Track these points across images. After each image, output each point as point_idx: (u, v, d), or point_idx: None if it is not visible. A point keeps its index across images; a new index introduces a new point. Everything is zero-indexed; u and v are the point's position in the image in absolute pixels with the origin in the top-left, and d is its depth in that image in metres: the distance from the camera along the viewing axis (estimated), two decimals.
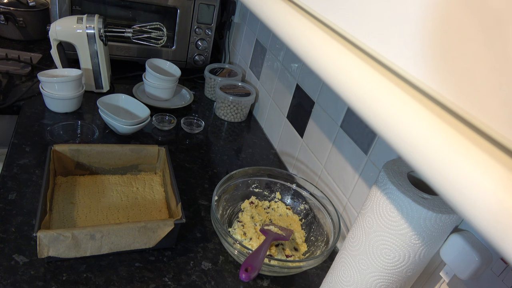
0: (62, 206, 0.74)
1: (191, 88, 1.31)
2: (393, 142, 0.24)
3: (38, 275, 0.63)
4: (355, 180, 0.79)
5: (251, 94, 1.20)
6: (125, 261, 0.69)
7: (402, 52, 0.24)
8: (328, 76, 0.30)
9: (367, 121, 0.26)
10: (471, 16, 0.20)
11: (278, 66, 1.12)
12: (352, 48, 0.29)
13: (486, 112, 0.19)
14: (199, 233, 0.79)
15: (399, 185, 0.50)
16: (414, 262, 0.52)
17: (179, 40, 1.32)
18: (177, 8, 1.26)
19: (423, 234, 0.49)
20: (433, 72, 0.22)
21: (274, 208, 0.88)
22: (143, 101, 1.12)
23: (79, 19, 1.01)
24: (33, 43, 1.34)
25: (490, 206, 0.18)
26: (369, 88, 0.26)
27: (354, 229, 0.56)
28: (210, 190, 0.91)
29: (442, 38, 0.21)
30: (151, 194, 0.83)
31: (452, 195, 0.20)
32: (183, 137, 1.08)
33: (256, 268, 0.62)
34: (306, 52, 0.33)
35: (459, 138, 0.20)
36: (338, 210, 0.84)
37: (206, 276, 0.71)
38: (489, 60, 0.19)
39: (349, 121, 0.81)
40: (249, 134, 1.19)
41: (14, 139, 0.89)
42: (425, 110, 0.22)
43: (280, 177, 0.90)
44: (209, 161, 1.01)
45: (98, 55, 1.06)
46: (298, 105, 1.02)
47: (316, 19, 0.34)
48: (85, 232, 0.63)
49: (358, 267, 0.56)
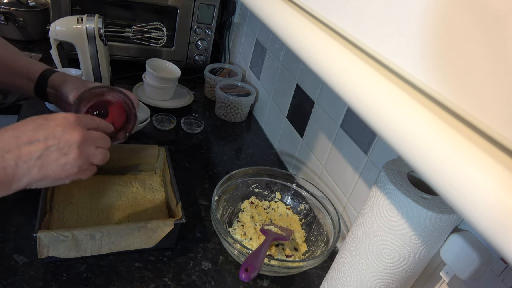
0: (62, 206, 0.74)
1: (191, 88, 1.31)
2: (393, 142, 0.24)
3: (38, 275, 0.63)
4: (355, 180, 0.79)
5: (251, 94, 1.20)
6: (125, 261, 0.69)
7: (402, 52, 0.24)
8: (328, 76, 0.30)
9: (367, 121, 0.26)
10: (471, 16, 0.20)
11: (278, 66, 1.12)
12: (352, 48, 0.29)
13: (486, 112, 0.19)
14: (199, 233, 0.79)
15: (399, 185, 0.50)
16: (414, 262, 0.52)
17: (179, 40, 1.32)
18: (177, 8, 1.26)
19: (423, 234, 0.49)
20: (433, 72, 0.22)
21: (274, 208, 0.88)
22: (143, 101, 1.12)
23: (79, 19, 1.01)
24: (33, 43, 1.34)
25: (490, 206, 0.18)
26: (369, 88, 0.26)
27: (354, 229, 0.56)
28: (210, 190, 0.91)
29: (442, 38, 0.21)
30: (151, 194, 0.83)
31: (452, 195, 0.20)
32: (183, 137, 1.08)
33: (256, 268, 0.62)
34: (306, 52, 0.33)
35: (459, 138, 0.20)
36: (338, 210, 0.84)
37: (206, 276, 0.71)
38: (489, 60, 0.19)
39: (349, 121, 0.81)
40: (249, 134, 1.19)
41: None
42: (425, 110, 0.22)
43: (280, 177, 0.90)
44: (209, 161, 1.01)
45: (98, 55, 1.06)
46: (298, 105, 1.02)
47: (316, 19, 0.34)
48: (85, 232, 0.63)
49: (358, 267, 0.56)
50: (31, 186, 0.49)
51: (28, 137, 0.47)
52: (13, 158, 0.46)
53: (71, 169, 0.50)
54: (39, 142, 0.48)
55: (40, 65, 0.75)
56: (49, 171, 0.49)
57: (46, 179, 0.49)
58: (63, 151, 0.49)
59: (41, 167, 0.48)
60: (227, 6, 1.44)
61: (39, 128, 0.48)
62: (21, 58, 0.74)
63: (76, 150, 0.50)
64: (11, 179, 0.46)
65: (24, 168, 0.47)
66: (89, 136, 0.52)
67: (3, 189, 0.47)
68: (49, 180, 0.50)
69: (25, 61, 0.74)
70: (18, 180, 0.47)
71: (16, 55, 0.74)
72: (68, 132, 0.50)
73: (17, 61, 0.73)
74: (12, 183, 0.47)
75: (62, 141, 0.49)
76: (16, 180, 0.47)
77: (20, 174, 0.47)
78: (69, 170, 0.50)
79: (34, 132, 0.48)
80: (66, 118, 0.51)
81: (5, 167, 0.45)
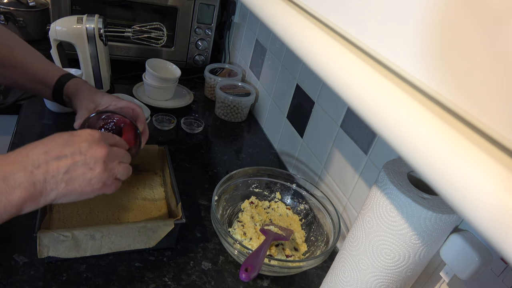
0: (62, 206, 0.74)
1: (191, 88, 1.31)
2: (393, 142, 0.24)
3: (38, 275, 0.63)
4: (355, 180, 0.79)
5: (251, 94, 1.20)
6: (125, 261, 0.69)
7: (402, 52, 0.24)
8: (328, 76, 0.30)
9: (367, 121, 0.26)
10: (471, 16, 0.20)
11: (278, 66, 1.12)
12: (352, 48, 0.29)
13: (486, 112, 0.19)
14: (199, 233, 0.79)
15: (399, 185, 0.50)
16: (414, 262, 0.52)
17: (179, 40, 1.32)
18: (177, 8, 1.26)
19: (423, 234, 0.49)
20: (433, 72, 0.22)
21: (274, 208, 0.88)
22: (143, 101, 1.12)
23: (79, 19, 1.01)
24: (33, 43, 1.33)
25: (490, 206, 0.18)
26: (369, 88, 0.26)
27: (354, 229, 0.56)
28: (210, 190, 0.91)
29: (442, 38, 0.21)
30: (151, 194, 0.83)
31: (452, 195, 0.20)
32: (183, 137, 1.08)
33: (256, 268, 0.62)
34: (306, 52, 0.33)
35: (459, 138, 0.20)
36: (338, 210, 0.84)
37: (206, 276, 0.71)
38: (489, 60, 0.19)
39: (349, 121, 0.81)
40: (249, 134, 1.19)
41: (14, 139, 0.89)
42: (425, 110, 0.22)
43: (280, 177, 0.90)
44: (209, 161, 1.01)
45: (98, 55, 1.06)
46: (298, 105, 1.02)
47: (316, 19, 0.34)
48: (85, 232, 0.63)
49: (358, 267, 0.56)
50: (58, 201, 0.50)
51: (56, 153, 0.48)
52: (42, 173, 0.47)
53: (97, 183, 0.51)
54: (66, 158, 0.49)
55: (55, 70, 0.74)
56: (76, 185, 0.50)
57: (72, 193, 0.50)
58: (89, 166, 0.50)
59: (68, 182, 0.49)
60: (227, 6, 1.44)
61: (66, 144, 0.50)
62: (39, 63, 0.74)
63: (101, 165, 0.51)
64: (39, 194, 0.47)
65: (52, 183, 0.48)
66: (113, 152, 0.54)
67: (32, 204, 0.47)
68: (75, 195, 0.50)
69: (42, 67, 0.74)
70: (46, 195, 0.48)
71: (35, 60, 0.74)
72: (94, 148, 0.51)
73: (35, 66, 0.73)
74: (41, 198, 0.47)
75: (89, 156, 0.50)
76: (44, 195, 0.48)
77: (48, 189, 0.48)
78: (95, 185, 0.51)
79: (62, 148, 0.49)
80: (91, 134, 0.52)
81: (34, 182, 0.46)
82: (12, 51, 0.72)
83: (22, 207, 0.46)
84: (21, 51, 0.74)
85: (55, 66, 0.76)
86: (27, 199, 0.46)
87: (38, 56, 0.75)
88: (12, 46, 0.73)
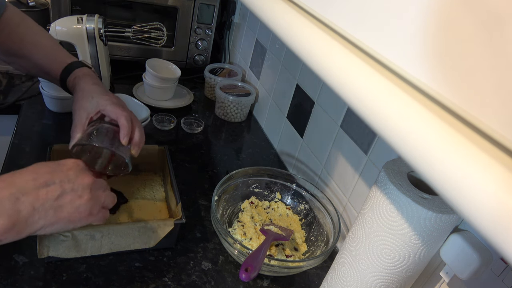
0: None
1: (191, 88, 1.31)
2: (393, 142, 0.24)
3: (38, 275, 0.63)
4: (355, 180, 0.79)
5: (251, 94, 1.20)
6: (125, 261, 0.69)
7: (402, 52, 0.24)
8: (328, 76, 0.30)
9: (367, 121, 0.26)
10: (471, 16, 0.20)
11: (278, 66, 1.12)
12: (352, 48, 0.29)
13: (486, 112, 0.19)
14: (199, 233, 0.79)
15: (399, 185, 0.50)
16: (414, 262, 0.52)
17: (179, 40, 1.32)
18: (177, 8, 1.26)
19: (423, 234, 0.49)
20: (433, 72, 0.22)
21: (274, 208, 0.88)
22: (143, 101, 1.12)
23: (79, 19, 1.01)
24: None
25: (490, 206, 0.18)
26: (369, 88, 0.26)
27: (354, 229, 0.56)
28: (210, 190, 0.91)
29: (442, 38, 0.21)
30: (151, 194, 0.83)
31: (452, 195, 0.20)
32: (183, 137, 1.08)
33: (256, 268, 0.62)
34: (306, 52, 0.33)
35: (459, 138, 0.20)
36: (338, 210, 0.83)
37: (206, 276, 0.70)
38: (490, 60, 0.19)
39: (349, 121, 0.81)
40: (249, 134, 1.19)
41: (14, 139, 0.89)
42: (425, 110, 0.22)
43: (280, 177, 0.90)
44: (209, 161, 1.01)
45: (98, 55, 1.06)
46: (298, 105, 1.02)
47: (316, 19, 0.34)
48: (85, 232, 0.63)
49: (358, 267, 0.56)
50: (44, 230, 0.48)
51: (45, 179, 0.48)
52: (30, 201, 0.45)
53: (84, 211, 0.51)
54: (55, 185, 0.49)
55: (59, 63, 0.72)
56: (64, 213, 0.49)
57: (60, 221, 0.49)
58: (78, 193, 0.51)
59: (57, 209, 0.48)
60: (227, 6, 1.44)
61: (55, 171, 0.50)
62: (45, 55, 0.73)
63: (89, 193, 0.52)
64: (24, 223, 0.45)
65: (41, 210, 0.47)
66: (97, 181, 0.55)
67: (14, 234, 0.45)
68: (62, 223, 0.50)
69: (48, 58, 0.73)
70: (32, 224, 0.46)
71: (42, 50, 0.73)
72: (81, 176, 0.52)
73: (41, 58, 0.73)
74: (26, 228, 0.45)
75: (76, 184, 0.51)
76: (30, 224, 0.46)
77: (37, 217, 0.46)
78: (82, 213, 0.51)
79: (51, 175, 0.49)
80: (76, 163, 0.53)
81: (19, 210, 0.44)
82: (22, 39, 0.71)
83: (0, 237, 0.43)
84: (32, 39, 0.72)
85: (60, 55, 0.74)
86: (9, 229, 0.43)
87: (46, 46, 0.74)
88: (22, 34, 0.71)
